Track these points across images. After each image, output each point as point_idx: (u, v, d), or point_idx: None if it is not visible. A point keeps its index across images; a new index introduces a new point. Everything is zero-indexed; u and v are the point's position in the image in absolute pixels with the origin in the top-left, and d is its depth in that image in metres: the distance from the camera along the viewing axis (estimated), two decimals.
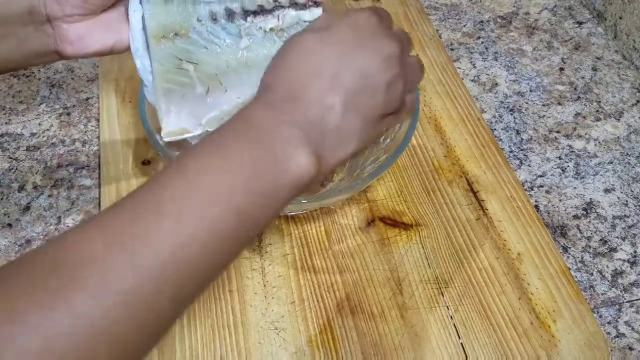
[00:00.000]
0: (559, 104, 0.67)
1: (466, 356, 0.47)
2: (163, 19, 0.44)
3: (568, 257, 0.54)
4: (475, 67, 0.70)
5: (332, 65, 0.36)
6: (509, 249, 0.53)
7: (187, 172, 0.31)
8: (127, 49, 0.45)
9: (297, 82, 0.36)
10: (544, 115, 0.65)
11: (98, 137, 0.62)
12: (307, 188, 0.35)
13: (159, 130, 0.48)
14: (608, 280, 0.53)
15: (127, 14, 0.44)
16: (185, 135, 0.47)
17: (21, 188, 0.58)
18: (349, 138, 0.37)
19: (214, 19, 0.44)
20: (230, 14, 0.45)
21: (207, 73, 0.45)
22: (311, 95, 0.35)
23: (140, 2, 0.43)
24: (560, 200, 0.58)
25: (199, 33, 0.44)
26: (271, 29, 0.46)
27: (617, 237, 0.56)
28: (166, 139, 0.46)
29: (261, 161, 0.32)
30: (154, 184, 0.31)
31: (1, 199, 0.57)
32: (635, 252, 0.55)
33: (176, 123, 0.46)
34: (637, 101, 0.67)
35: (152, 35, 0.44)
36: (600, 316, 0.51)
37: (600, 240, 0.55)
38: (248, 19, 0.45)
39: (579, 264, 0.54)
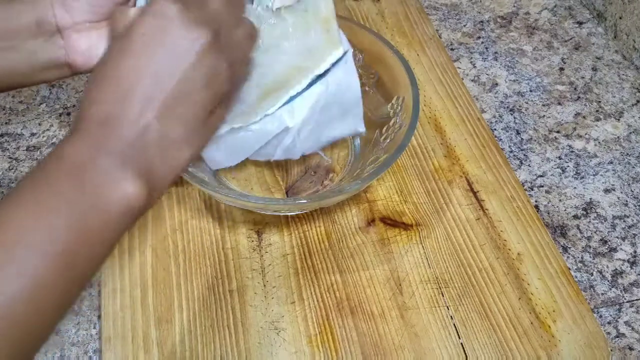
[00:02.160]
0: (559, 104, 0.67)
1: (466, 356, 0.47)
2: None
3: (568, 257, 0.54)
4: (475, 67, 0.70)
5: (138, 78, 0.33)
6: (509, 249, 0.53)
7: (7, 223, 0.29)
8: None
9: (105, 103, 0.33)
10: (544, 115, 0.65)
11: None
12: (144, 210, 0.33)
13: None
14: (608, 280, 0.53)
15: None
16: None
17: None
18: (178, 148, 0.34)
19: None
20: None
21: None
22: (122, 117, 0.32)
23: (147, 3, 0.43)
24: (560, 200, 0.58)
25: None
26: (278, 8, 0.44)
27: (617, 237, 0.56)
28: None
29: (79, 201, 0.30)
30: None
31: (1, 199, 0.57)
32: (635, 252, 0.55)
33: None
34: (637, 101, 0.67)
35: None
36: (600, 316, 0.51)
37: (600, 240, 0.55)
38: (254, 1, 0.44)
39: (579, 264, 0.54)
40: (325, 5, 0.45)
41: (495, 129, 0.64)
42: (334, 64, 0.46)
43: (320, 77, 0.46)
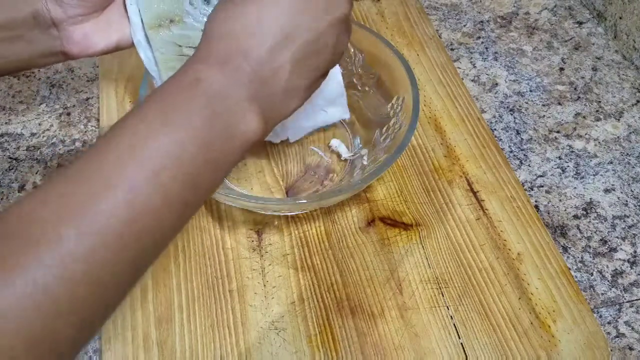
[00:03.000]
0: (559, 104, 0.67)
1: (466, 356, 0.47)
2: (156, 8, 0.44)
3: (568, 257, 0.54)
4: (475, 67, 0.70)
5: (286, 21, 0.34)
6: (509, 249, 0.53)
7: (133, 136, 0.30)
8: (132, 43, 0.45)
9: (249, 35, 0.34)
10: (544, 115, 0.65)
11: (98, 137, 0.62)
12: (252, 148, 0.35)
13: None
14: (608, 280, 0.53)
15: (126, 9, 0.44)
16: None
17: (21, 188, 0.58)
18: (294, 96, 0.36)
19: (207, 0, 0.44)
20: None
21: None
22: (261, 51, 0.34)
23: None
24: (560, 200, 0.58)
25: (194, 16, 0.45)
26: None
27: (617, 237, 0.56)
28: None
29: (210, 125, 0.32)
30: (102, 148, 0.30)
31: (1, 199, 0.57)
32: (635, 252, 0.55)
33: None
34: (637, 101, 0.67)
35: (149, 26, 0.44)
36: (600, 316, 0.51)
37: (600, 240, 0.55)
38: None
39: (579, 264, 0.54)
40: None
41: (495, 129, 0.64)
42: None
43: None
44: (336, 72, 0.52)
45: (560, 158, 0.62)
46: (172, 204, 0.30)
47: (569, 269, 0.53)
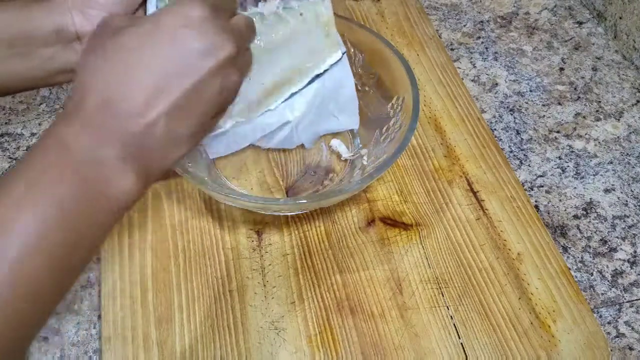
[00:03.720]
0: (559, 104, 0.67)
1: (466, 356, 0.47)
2: None
3: (568, 257, 0.54)
4: (475, 67, 0.70)
5: (157, 72, 0.32)
6: (509, 249, 0.53)
7: None
8: None
9: (116, 90, 0.31)
10: (544, 115, 0.65)
11: None
12: (132, 207, 0.33)
13: None
14: (608, 280, 0.53)
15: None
16: (217, 131, 0.48)
17: None
18: (177, 146, 0.34)
19: None
20: (241, 2, 0.45)
21: None
22: (131, 108, 0.31)
23: (157, 6, 0.44)
24: (560, 200, 0.58)
25: None
26: (283, 9, 0.46)
27: (617, 237, 0.56)
28: None
29: (79, 193, 0.30)
30: None
31: None
32: (635, 252, 0.55)
33: None
34: (637, 101, 0.67)
35: None
36: (600, 316, 0.51)
37: (600, 240, 0.55)
38: (259, 4, 0.46)
39: (579, 264, 0.54)
40: (325, 10, 0.48)
41: (495, 129, 0.64)
42: (332, 65, 0.49)
43: (318, 76, 0.49)
44: (348, 79, 0.51)
45: (560, 158, 0.62)
46: (38, 291, 0.29)
47: (569, 269, 0.53)
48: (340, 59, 0.50)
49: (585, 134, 0.64)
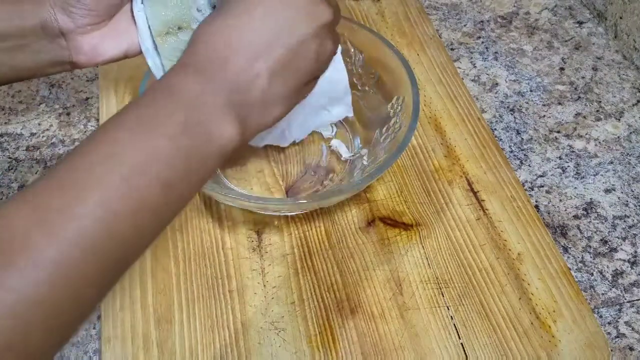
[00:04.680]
0: (559, 103, 0.67)
1: (466, 356, 0.47)
2: (164, 16, 0.44)
3: (568, 257, 0.54)
4: (475, 67, 0.70)
5: (265, 32, 0.35)
6: (509, 249, 0.53)
7: (111, 142, 0.31)
8: (140, 51, 0.45)
9: (226, 44, 0.35)
10: (544, 115, 0.65)
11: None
12: (230, 155, 0.35)
13: None
14: (608, 281, 0.53)
15: (133, 17, 0.44)
16: None
17: (21, 188, 0.58)
18: (275, 105, 0.36)
19: (213, 6, 0.44)
20: None
21: None
22: (237, 61, 0.34)
23: (142, 2, 0.44)
24: (560, 200, 0.58)
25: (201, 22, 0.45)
26: None
27: (618, 237, 0.56)
28: None
29: (186, 133, 0.32)
30: (79, 153, 0.31)
31: (1, 199, 0.57)
32: (635, 252, 0.55)
33: None
34: (638, 101, 0.67)
35: (157, 34, 0.44)
36: (601, 316, 0.51)
37: (601, 240, 0.55)
38: None
39: (579, 264, 0.54)
40: None
41: (495, 129, 0.64)
42: None
43: None
44: (341, 72, 0.51)
45: (560, 158, 0.62)
46: (147, 209, 0.30)
47: (569, 269, 0.53)
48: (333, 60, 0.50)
49: (586, 133, 0.64)
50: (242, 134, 0.34)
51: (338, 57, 0.49)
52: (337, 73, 0.50)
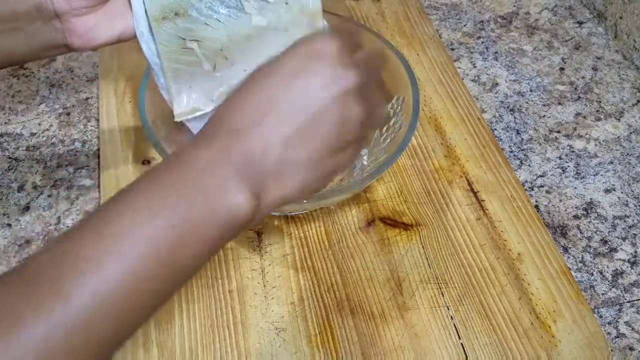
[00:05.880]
0: (559, 103, 0.67)
1: (466, 356, 0.47)
2: (161, 1, 0.44)
3: (568, 257, 0.54)
4: (475, 67, 0.70)
5: (275, 98, 0.34)
6: (509, 249, 0.53)
7: (114, 215, 0.31)
8: (135, 35, 0.45)
9: (237, 116, 0.34)
10: (544, 115, 0.65)
11: (98, 137, 0.62)
12: (246, 227, 0.34)
13: (157, 123, 0.48)
14: (608, 281, 0.53)
15: (129, 1, 0.44)
16: (197, 114, 0.47)
17: (21, 188, 0.58)
18: (293, 175, 0.35)
19: None
20: None
21: (212, 49, 0.45)
22: (251, 133, 0.34)
23: None
24: (560, 200, 0.58)
25: (199, 10, 0.44)
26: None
27: (618, 237, 0.56)
28: (177, 120, 0.46)
29: (193, 204, 0.31)
30: (83, 225, 0.31)
31: (1, 199, 0.57)
32: (635, 252, 0.55)
33: (187, 103, 0.46)
34: (638, 101, 0.67)
35: (153, 18, 0.44)
36: (601, 316, 0.51)
37: (601, 240, 0.55)
38: None
39: (579, 264, 0.54)
40: (311, 2, 0.46)
41: (495, 129, 0.64)
42: None
43: None
44: None
45: (560, 158, 0.62)
46: (145, 283, 0.30)
47: (569, 269, 0.52)
48: None
49: (586, 133, 0.64)
50: (256, 204, 0.34)
51: None
52: None
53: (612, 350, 0.49)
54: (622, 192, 0.59)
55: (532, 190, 0.59)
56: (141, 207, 0.31)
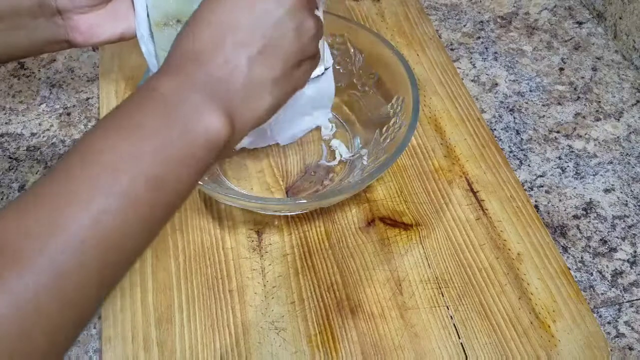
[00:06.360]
0: (559, 104, 0.67)
1: (466, 356, 0.47)
2: (165, 7, 0.44)
3: (568, 257, 0.54)
4: (475, 67, 0.70)
5: (232, 18, 0.35)
6: (509, 249, 0.53)
7: (93, 149, 0.31)
8: (135, 35, 0.46)
9: (199, 42, 0.35)
10: (543, 115, 0.65)
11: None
12: (226, 148, 0.35)
13: None
14: (608, 280, 0.53)
15: (133, 2, 0.44)
16: None
17: (21, 188, 0.58)
18: (262, 92, 0.36)
19: None
20: None
21: None
22: (214, 55, 0.34)
23: None
24: (560, 200, 0.58)
25: None
26: None
27: (617, 237, 0.56)
28: None
29: (167, 128, 0.32)
30: (64, 162, 0.31)
31: (1, 199, 0.57)
32: (635, 252, 0.55)
33: None
34: (637, 101, 0.67)
35: (155, 23, 0.44)
36: (600, 316, 0.51)
37: (600, 240, 0.55)
38: None
39: (579, 264, 0.54)
40: None
41: (495, 129, 0.64)
42: (314, 77, 0.49)
43: None
44: (330, 85, 0.52)
45: (560, 158, 0.62)
46: (136, 207, 0.30)
47: (569, 269, 0.53)
48: (324, 73, 0.50)
49: (585, 134, 0.64)
50: (230, 125, 0.34)
51: (329, 71, 0.50)
52: (327, 85, 0.51)
53: (611, 350, 0.49)
54: (621, 192, 0.59)
55: (532, 190, 0.59)
56: (116, 141, 0.31)
